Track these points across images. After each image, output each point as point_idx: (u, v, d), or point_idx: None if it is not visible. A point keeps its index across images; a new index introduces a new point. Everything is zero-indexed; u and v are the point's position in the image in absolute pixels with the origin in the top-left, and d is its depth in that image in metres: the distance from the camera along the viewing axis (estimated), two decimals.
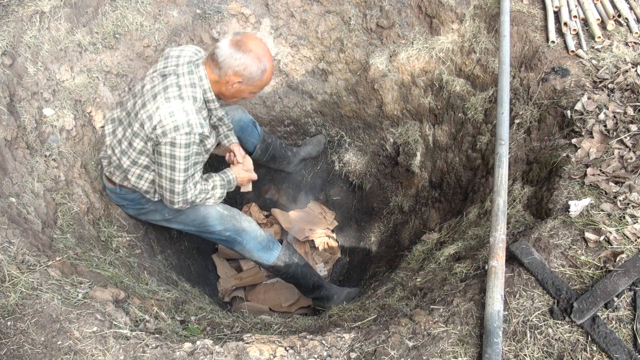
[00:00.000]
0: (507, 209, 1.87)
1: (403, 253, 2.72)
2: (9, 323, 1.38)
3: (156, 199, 2.28)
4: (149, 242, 2.57)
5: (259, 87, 2.12)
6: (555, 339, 1.38)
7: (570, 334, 1.39)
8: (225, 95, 2.12)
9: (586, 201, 1.71)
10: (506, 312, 1.46)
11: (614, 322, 1.39)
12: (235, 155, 2.50)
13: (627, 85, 2.06)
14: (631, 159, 1.79)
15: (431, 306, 1.64)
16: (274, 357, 1.46)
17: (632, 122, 1.90)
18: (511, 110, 2.31)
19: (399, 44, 2.91)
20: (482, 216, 2.20)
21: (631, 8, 2.47)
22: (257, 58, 2.00)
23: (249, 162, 2.51)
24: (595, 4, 2.50)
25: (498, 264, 1.54)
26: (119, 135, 2.14)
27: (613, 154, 1.83)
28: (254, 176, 2.51)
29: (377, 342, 1.50)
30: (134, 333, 1.48)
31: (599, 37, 2.36)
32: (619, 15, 2.43)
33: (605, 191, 1.73)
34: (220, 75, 2.03)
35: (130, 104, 2.11)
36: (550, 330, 1.40)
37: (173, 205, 2.17)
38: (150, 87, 2.02)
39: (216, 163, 3.14)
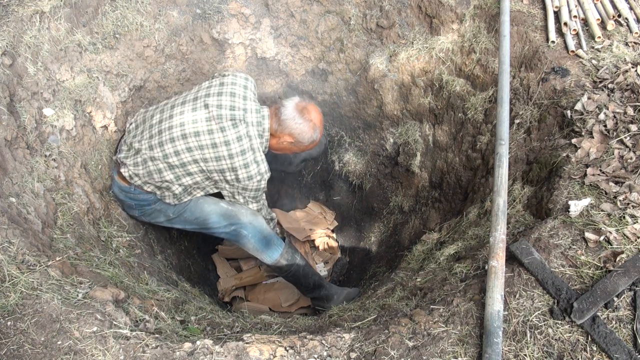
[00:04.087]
0: (507, 209, 1.87)
1: (403, 253, 2.72)
2: (9, 323, 1.38)
3: (184, 200, 2.35)
4: (149, 242, 2.57)
5: (302, 150, 2.42)
6: (555, 339, 1.38)
7: (570, 334, 1.39)
8: (272, 146, 2.34)
9: (586, 201, 1.71)
10: (506, 312, 1.46)
11: (614, 322, 1.39)
12: None
13: (627, 85, 2.06)
14: (631, 159, 1.79)
15: (431, 306, 1.64)
16: (274, 357, 1.46)
17: (632, 122, 1.90)
18: (511, 110, 2.31)
19: (399, 44, 2.91)
20: (482, 216, 2.20)
21: (631, 8, 2.47)
22: (313, 128, 2.30)
23: None
24: (595, 4, 2.50)
25: (498, 264, 1.54)
26: (167, 150, 2.15)
27: (613, 154, 1.83)
28: None
29: (377, 342, 1.50)
30: (134, 333, 1.48)
31: (599, 37, 2.36)
32: (619, 15, 2.43)
33: (605, 191, 1.73)
34: (277, 130, 2.27)
35: (189, 128, 2.10)
36: (550, 330, 1.40)
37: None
38: (219, 127, 2.09)
39: None
